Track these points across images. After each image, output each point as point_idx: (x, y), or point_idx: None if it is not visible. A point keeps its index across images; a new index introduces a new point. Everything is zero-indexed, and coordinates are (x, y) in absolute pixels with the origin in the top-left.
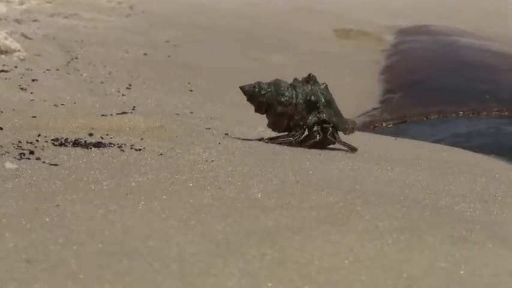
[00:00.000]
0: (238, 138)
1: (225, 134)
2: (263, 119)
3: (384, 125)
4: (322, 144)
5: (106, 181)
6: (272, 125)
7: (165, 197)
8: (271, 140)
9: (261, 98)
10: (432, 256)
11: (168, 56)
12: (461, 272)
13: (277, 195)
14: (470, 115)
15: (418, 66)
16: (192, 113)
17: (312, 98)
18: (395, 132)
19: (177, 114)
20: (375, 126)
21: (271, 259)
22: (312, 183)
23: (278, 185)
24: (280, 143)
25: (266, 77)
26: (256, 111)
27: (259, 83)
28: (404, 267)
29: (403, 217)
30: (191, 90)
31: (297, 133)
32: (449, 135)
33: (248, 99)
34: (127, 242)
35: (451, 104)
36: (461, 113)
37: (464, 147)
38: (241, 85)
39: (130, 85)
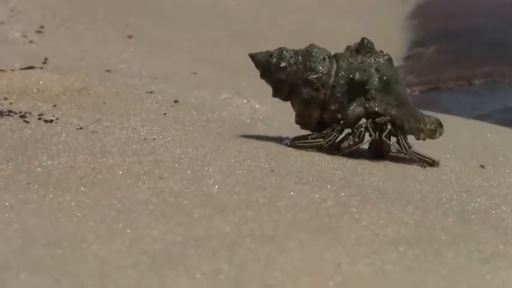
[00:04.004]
0: (194, 108)
1: (175, 101)
2: (231, 81)
3: (408, 91)
4: (377, 150)
5: (1, 165)
6: (298, 119)
7: (83, 188)
8: (294, 142)
9: (280, 74)
10: (452, 279)
11: None
12: None
13: (240, 190)
14: None
15: (461, 9)
16: (129, 69)
17: (357, 75)
18: (424, 103)
19: (108, 71)
20: None
21: (227, 278)
22: (292, 173)
23: (244, 175)
24: (303, 147)
25: (239, 17)
26: (274, 95)
27: (281, 49)
28: None
29: (415, 223)
30: (130, 37)
31: (332, 131)
32: (499, 108)
33: (262, 75)
34: (27, 250)
35: (505, 64)
36: None
37: None
38: (251, 52)
39: (42, 27)
